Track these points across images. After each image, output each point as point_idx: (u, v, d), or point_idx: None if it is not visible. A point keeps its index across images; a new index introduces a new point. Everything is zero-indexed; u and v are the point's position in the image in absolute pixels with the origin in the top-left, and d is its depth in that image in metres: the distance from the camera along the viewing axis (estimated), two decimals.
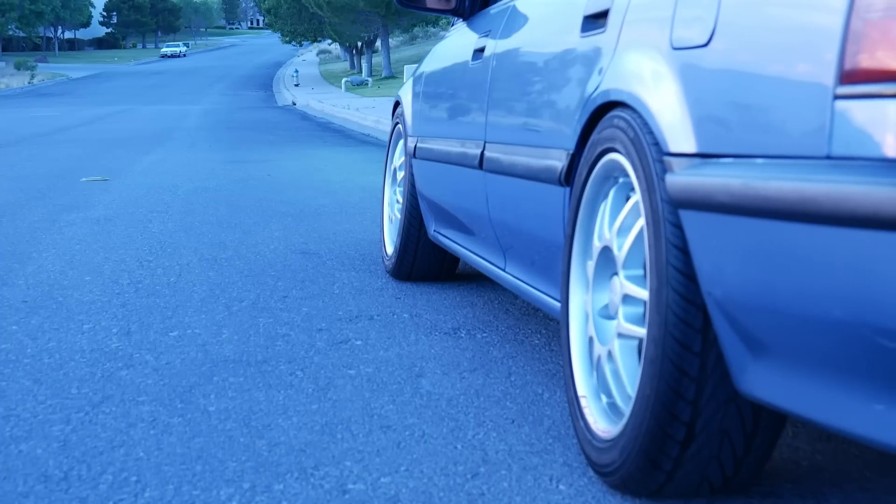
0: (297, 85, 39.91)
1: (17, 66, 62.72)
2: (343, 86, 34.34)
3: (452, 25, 3.76)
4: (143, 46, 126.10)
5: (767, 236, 1.43)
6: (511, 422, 2.30)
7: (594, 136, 2.01)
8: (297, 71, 45.57)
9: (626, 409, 1.81)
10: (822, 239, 1.31)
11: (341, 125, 18.37)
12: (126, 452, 2.10)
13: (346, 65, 53.41)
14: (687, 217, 1.61)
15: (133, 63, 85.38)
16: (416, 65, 4.62)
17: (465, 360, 2.80)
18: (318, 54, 72.20)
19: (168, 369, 2.72)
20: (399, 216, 3.91)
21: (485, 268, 3.03)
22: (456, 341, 3.01)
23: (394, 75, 42.46)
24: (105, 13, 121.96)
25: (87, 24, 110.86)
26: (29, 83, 51.63)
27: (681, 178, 1.61)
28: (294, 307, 3.46)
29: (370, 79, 37.36)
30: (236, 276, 4.01)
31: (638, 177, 1.78)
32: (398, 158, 4.13)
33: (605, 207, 2.00)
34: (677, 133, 1.66)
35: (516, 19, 2.83)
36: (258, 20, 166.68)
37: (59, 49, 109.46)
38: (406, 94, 4.02)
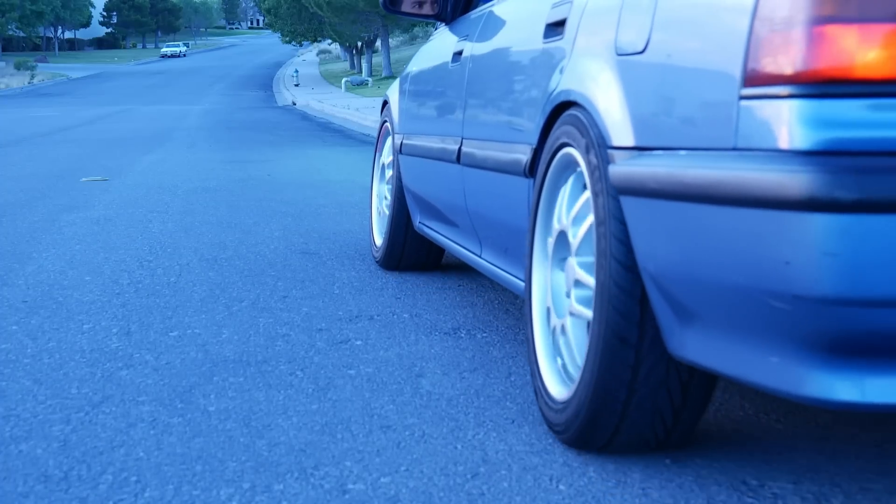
0: (297, 85, 39.90)
1: (17, 66, 62.72)
2: (343, 86, 34.35)
3: (436, 28, 3.92)
4: (143, 46, 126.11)
5: (687, 217, 1.65)
6: (511, 422, 2.30)
7: (553, 132, 2.23)
8: (297, 71, 45.58)
9: (577, 375, 2.04)
10: (728, 218, 1.54)
11: (341, 125, 18.38)
12: (126, 452, 2.10)
13: (346, 65, 53.41)
14: (626, 202, 1.84)
15: (133, 63, 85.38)
16: None
17: (465, 360, 2.80)
18: (318, 54, 72.19)
19: (168, 369, 2.72)
20: (387, 210, 4.11)
21: (464, 255, 3.24)
22: (456, 341, 3.01)
23: (394, 75, 42.44)
24: (105, 13, 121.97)
25: (87, 24, 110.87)
26: (29, 83, 51.64)
27: (620, 169, 1.85)
28: (294, 307, 3.46)
29: (370, 79, 37.36)
30: (236, 276, 4.01)
31: (587, 168, 2.01)
32: (386, 155, 4.32)
33: (563, 196, 2.21)
34: (619, 129, 1.89)
35: (490, 25, 3.04)
36: (258, 20, 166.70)
37: (59, 49, 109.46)
38: (393, 94, 4.25)
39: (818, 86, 1.43)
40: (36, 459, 2.07)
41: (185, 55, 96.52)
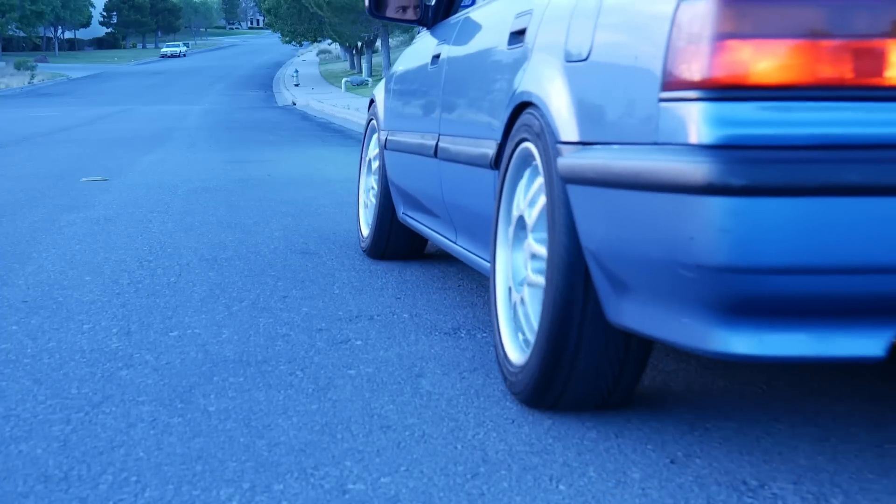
0: (297, 85, 39.90)
1: (17, 66, 62.72)
2: (343, 86, 34.34)
3: (419, 33, 4.21)
4: (143, 46, 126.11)
5: (618, 202, 1.94)
6: (511, 422, 2.30)
7: (514, 129, 2.51)
8: (297, 71, 45.57)
9: (532, 341, 2.30)
10: (648, 202, 1.82)
11: (341, 125, 18.37)
12: (126, 452, 2.10)
13: (346, 65, 53.40)
14: (571, 189, 2.12)
15: (133, 63, 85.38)
16: None
17: (465, 360, 2.80)
18: (318, 54, 72.17)
19: (168, 369, 2.72)
20: (373, 201, 4.39)
21: (442, 242, 3.51)
22: (456, 341, 3.01)
23: None
24: (105, 13, 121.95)
25: (87, 24, 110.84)
26: (29, 83, 51.64)
27: (566, 161, 2.12)
28: (294, 307, 3.46)
29: (370, 79, 37.35)
30: (236, 276, 4.01)
31: (541, 160, 2.29)
32: (372, 150, 4.62)
33: (522, 185, 2.50)
34: (566, 126, 2.17)
35: (464, 31, 3.32)
36: (258, 20, 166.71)
37: (59, 49, 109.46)
38: (379, 93, 4.55)
39: (720, 91, 1.69)
40: (36, 459, 2.07)
41: (185, 55, 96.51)
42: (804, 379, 2.64)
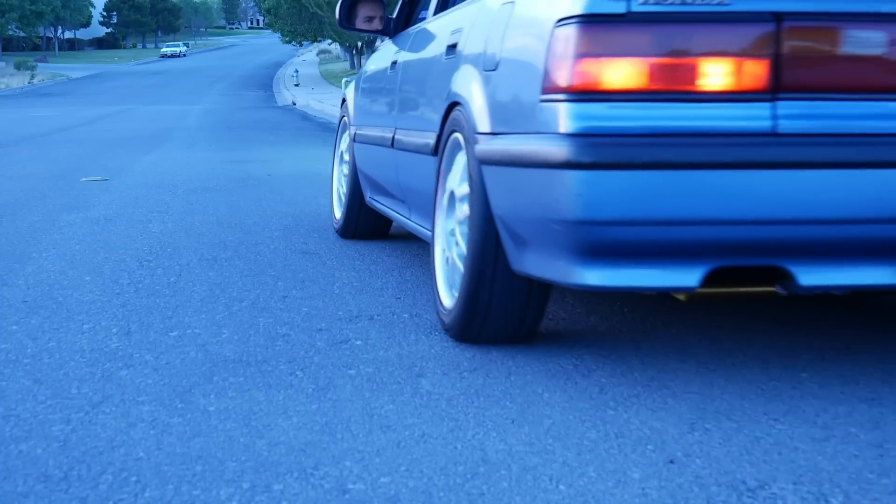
0: (297, 85, 39.89)
1: (17, 66, 62.72)
2: (343, 86, 34.31)
3: (382, 41, 4.83)
4: (143, 46, 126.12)
5: (514, 176, 2.54)
6: (511, 422, 2.30)
7: (447, 123, 3.13)
8: (297, 71, 45.56)
9: (459, 289, 2.91)
10: (533, 175, 2.42)
11: None
12: (126, 452, 2.10)
13: (346, 65, 53.37)
14: (484, 169, 2.72)
15: (133, 63, 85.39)
16: None
17: (465, 360, 2.80)
18: (318, 54, 72.17)
19: (168, 369, 2.72)
20: (345, 188, 5.01)
21: (400, 220, 4.06)
22: (456, 341, 3.01)
23: None
24: (105, 13, 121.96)
25: (87, 24, 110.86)
26: (29, 83, 51.64)
27: (481, 147, 2.72)
28: (294, 307, 3.46)
29: None
30: (236, 276, 4.01)
31: (465, 147, 2.90)
32: (344, 143, 5.19)
33: (453, 167, 3.10)
34: (482, 121, 2.77)
35: (416, 42, 3.92)
36: (258, 20, 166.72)
37: (59, 49, 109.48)
38: (350, 93, 5.19)
39: (577, 94, 2.28)
40: (36, 459, 2.07)
41: (185, 55, 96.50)
42: (804, 380, 2.64)
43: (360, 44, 46.23)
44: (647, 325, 3.20)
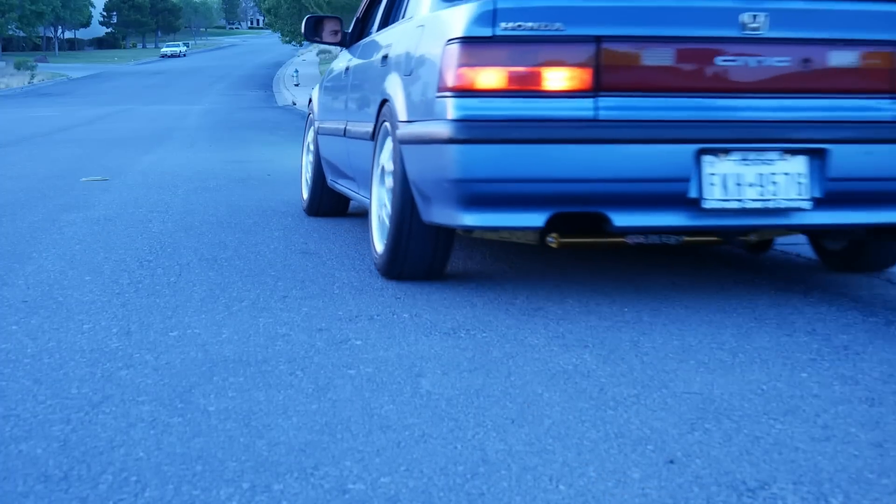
0: (297, 85, 39.86)
1: (17, 66, 62.69)
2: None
3: (341, 51, 5.79)
4: (143, 46, 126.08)
5: (421, 151, 3.43)
6: (511, 422, 2.30)
7: (380, 115, 4.04)
8: (297, 71, 45.52)
9: (386, 238, 3.83)
10: (432, 150, 3.30)
11: None
12: (126, 452, 2.10)
13: None
14: (402, 147, 3.61)
15: (133, 63, 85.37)
16: None
17: (465, 360, 2.80)
18: (318, 54, 72.04)
19: (168, 369, 2.72)
20: (311, 173, 5.98)
21: (353, 196, 4.92)
22: (456, 341, 3.01)
23: None
24: (105, 13, 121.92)
25: (87, 24, 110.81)
26: (29, 83, 51.61)
27: (401, 131, 3.63)
28: (294, 307, 3.46)
29: None
30: (236, 276, 4.01)
31: (391, 132, 3.77)
32: (310, 136, 6.16)
33: (384, 148, 4.01)
34: (402, 112, 3.68)
35: (363, 52, 4.90)
36: (258, 20, 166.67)
37: (59, 49, 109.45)
38: (315, 93, 6.26)
39: (458, 92, 3.21)
40: (36, 459, 2.07)
41: (185, 55, 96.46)
42: (804, 380, 2.64)
43: None
44: (647, 326, 3.20)
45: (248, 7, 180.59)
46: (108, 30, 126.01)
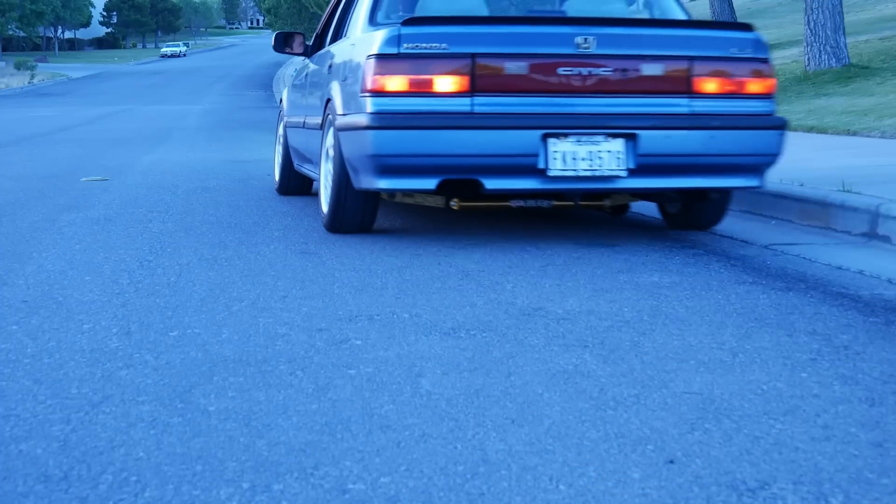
0: None
1: (17, 66, 62.67)
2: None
3: (304, 60, 6.97)
4: (143, 46, 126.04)
5: (351, 136, 4.58)
6: (511, 422, 2.30)
7: (326, 110, 5.16)
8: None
9: (329, 201, 5.06)
10: (357, 135, 4.50)
11: None
12: (126, 452, 2.10)
13: None
14: (339, 134, 4.74)
15: (133, 63, 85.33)
16: None
17: (465, 360, 2.80)
18: None
19: (168, 369, 2.72)
20: (280, 159, 7.37)
21: (311, 174, 6.07)
22: (456, 341, 3.01)
23: None
24: (105, 13, 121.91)
25: (87, 24, 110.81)
26: (29, 83, 51.60)
27: (338, 122, 4.77)
28: (294, 307, 3.46)
29: None
30: (236, 276, 4.01)
31: (333, 123, 4.87)
32: (280, 129, 7.58)
33: (328, 135, 5.12)
34: (339, 108, 4.84)
35: (317, 61, 6.10)
36: (258, 20, 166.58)
37: (59, 49, 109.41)
38: (284, 93, 7.71)
39: (374, 94, 4.39)
40: (36, 459, 2.07)
41: (185, 55, 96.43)
42: (804, 380, 2.64)
43: None
44: (647, 326, 3.20)
45: (248, 7, 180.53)
46: (108, 30, 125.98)
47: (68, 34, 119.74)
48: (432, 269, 4.15)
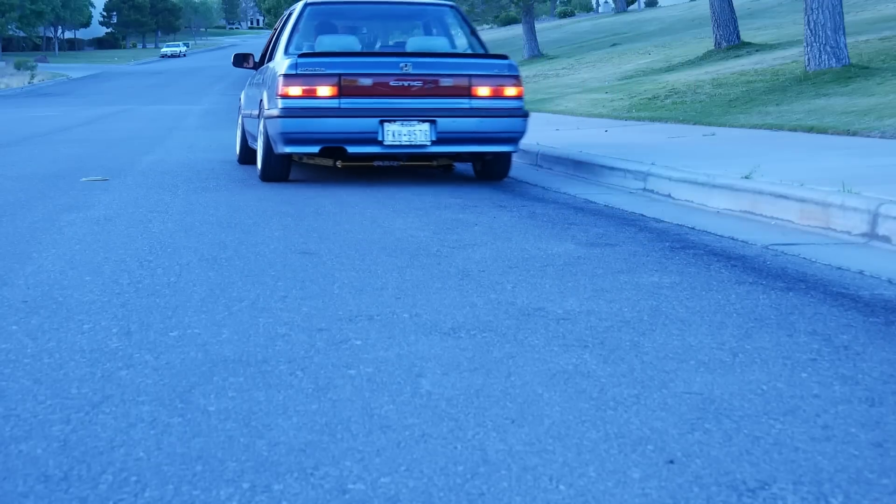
0: None
1: (18, 66, 62.67)
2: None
3: (256, 70, 9.67)
4: (143, 46, 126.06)
5: (271, 122, 7.57)
6: (511, 422, 2.30)
7: (260, 106, 8.07)
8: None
9: (260, 162, 8.16)
10: (273, 121, 7.51)
11: None
12: (126, 452, 2.10)
13: None
14: (266, 121, 7.70)
15: (133, 63, 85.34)
16: None
17: (465, 360, 2.80)
18: None
19: (168, 369, 2.72)
20: (239, 141, 9.95)
21: (255, 147, 8.60)
22: (456, 341, 3.01)
23: None
24: (105, 13, 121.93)
25: (87, 24, 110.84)
26: (29, 83, 51.59)
27: (265, 113, 7.76)
28: (294, 307, 3.46)
29: None
30: (236, 276, 4.01)
31: (262, 114, 7.92)
32: (239, 120, 10.15)
33: (261, 122, 8.03)
34: (266, 105, 7.76)
35: (259, 74, 9.02)
36: (258, 20, 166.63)
37: (59, 49, 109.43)
38: (242, 93, 10.03)
39: (282, 97, 7.38)
40: (36, 459, 2.07)
41: (185, 55, 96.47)
42: (804, 380, 2.64)
43: None
44: (647, 326, 3.20)
45: (248, 7, 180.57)
46: (108, 30, 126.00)
47: (68, 34, 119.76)
48: (432, 269, 4.15)
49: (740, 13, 25.87)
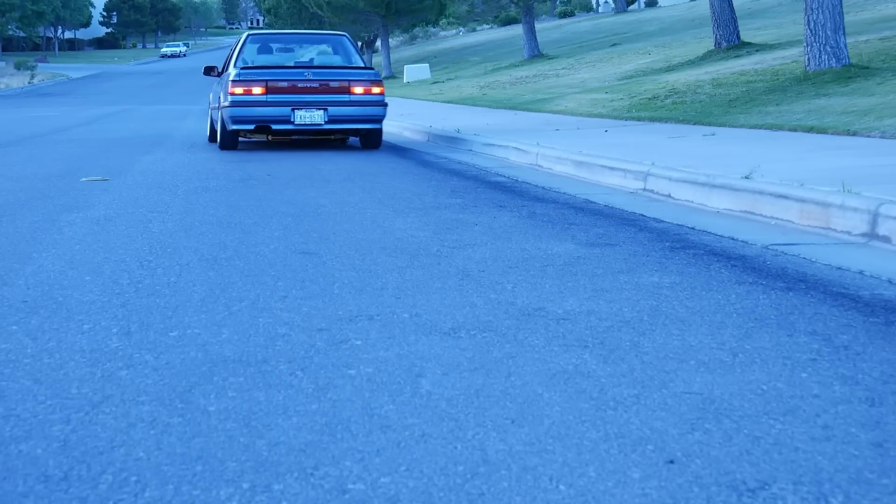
0: None
1: (18, 66, 62.70)
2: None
3: (221, 76, 14.14)
4: (143, 46, 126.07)
5: (226, 110, 12.07)
6: (511, 422, 2.30)
7: (220, 101, 12.73)
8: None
9: (218, 135, 12.81)
10: (227, 109, 12.00)
11: None
12: (126, 452, 2.10)
13: None
14: (222, 110, 12.30)
15: (133, 63, 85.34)
16: (416, 64, 9.28)
17: (465, 360, 2.80)
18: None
19: (168, 369, 2.72)
20: (208, 126, 14.49)
21: (217, 129, 13.01)
22: (456, 341, 3.01)
23: (394, 75, 42.36)
24: (105, 13, 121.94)
25: (87, 24, 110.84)
26: (29, 83, 51.61)
27: (221, 105, 12.40)
28: (294, 307, 3.46)
29: None
30: (236, 276, 4.01)
31: (220, 106, 12.51)
32: (209, 112, 14.41)
33: (219, 112, 12.76)
34: (222, 100, 12.31)
35: (220, 79, 13.53)
36: (258, 20, 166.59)
37: (59, 49, 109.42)
38: (210, 93, 14.72)
39: (231, 94, 11.79)
40: (36, 459, 2.07)
41: (185, 55, 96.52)
42: (804, 380, 2.64)
43: (360, 43, 46.15)
44: (647, 326, 3.20)
45: (248, 7, 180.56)
46: (108, 30, 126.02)
47: (68, 34, 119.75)
48: (432, 269, 4.15)
49: (740, 13, 25.88)
